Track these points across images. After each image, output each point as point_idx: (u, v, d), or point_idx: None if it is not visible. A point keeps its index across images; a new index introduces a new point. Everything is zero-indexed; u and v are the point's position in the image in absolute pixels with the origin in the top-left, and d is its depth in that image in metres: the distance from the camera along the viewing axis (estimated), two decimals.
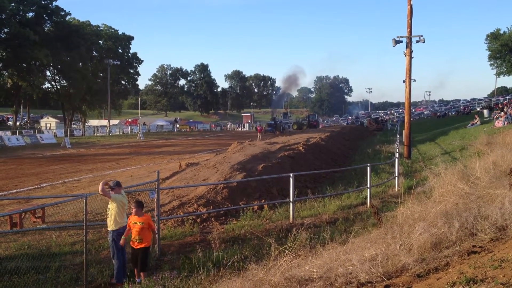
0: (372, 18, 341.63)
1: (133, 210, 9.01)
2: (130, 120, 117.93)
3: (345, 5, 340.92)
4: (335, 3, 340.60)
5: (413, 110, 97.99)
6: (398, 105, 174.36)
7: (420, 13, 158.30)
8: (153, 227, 9.39)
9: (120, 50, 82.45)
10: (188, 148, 43.94)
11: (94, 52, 79.02)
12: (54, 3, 68.73)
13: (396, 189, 17.44)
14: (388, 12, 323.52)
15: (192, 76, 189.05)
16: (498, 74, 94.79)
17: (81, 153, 38.52)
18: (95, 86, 75.70)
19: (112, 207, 9.08)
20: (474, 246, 6.86)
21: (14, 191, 19.21)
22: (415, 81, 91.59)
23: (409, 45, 27.92)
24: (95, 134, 69.31)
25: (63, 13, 70.43)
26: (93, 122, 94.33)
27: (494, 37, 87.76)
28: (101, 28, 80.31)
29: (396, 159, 19.34)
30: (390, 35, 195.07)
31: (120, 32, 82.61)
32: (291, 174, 13.74)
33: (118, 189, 9.19)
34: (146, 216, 9.20)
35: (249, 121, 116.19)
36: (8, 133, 54.16)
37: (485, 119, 47.58)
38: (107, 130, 72.46)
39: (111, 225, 9.08)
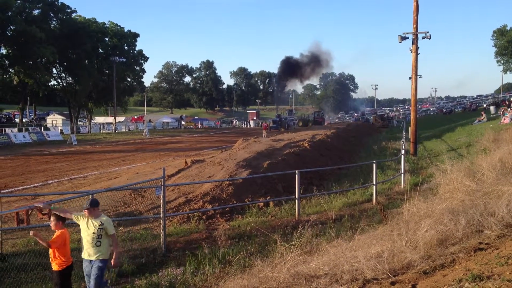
0: (378, 14, 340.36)
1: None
2: (136, 117, 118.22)
3: (351, 1, 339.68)
4: None
5: (419, 106, 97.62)
6: (404, 101, 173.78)
7: (427, 9, 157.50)
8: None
9: (125, 47, 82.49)
10: (193, 145, 43.99)
11: (100, 50, 79.14)
12: (60, 0, 68.97)
13: (402, 186, 17.40)
14: (395, 8, 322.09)
15: (197, 73, 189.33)
16: (504, 71, 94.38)
17: (87, 150, 38.64)
18: (101, 83, 75.92)
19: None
20: (480, 243, 6.84)
21: (21, 188, 19.31)
22: (421, 77, 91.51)
23: (415, 41, 27.81)
24: (101, 131, 69.51)
25: (69, 10, 70.70)
26: (99, 119, 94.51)
27: (500, 33, 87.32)
28: (107, 26, 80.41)
29: (402, 156, 19.27)
30: (396, 31, 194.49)
31: (125, 30, 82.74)
32: (296, 171, 13.71)
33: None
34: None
35: (255, 118, 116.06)
36: (15, 130, 54.45)
37: (491, 115, 47.32)
38: (113, 127, 72.68)
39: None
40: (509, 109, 41.77)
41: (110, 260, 7.29)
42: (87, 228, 7.15)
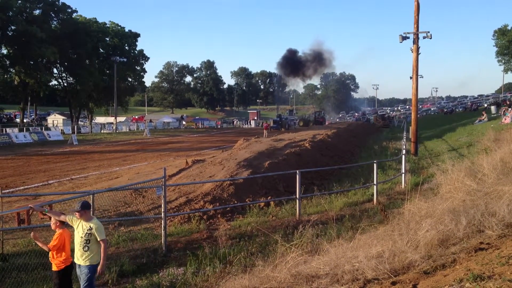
0: (379, 14, 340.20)
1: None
2: (136, 117, 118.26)
3: (351, 1, 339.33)
4: None
5: (420, 106, 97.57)
6: (405, 101, 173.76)
7: (428, 9, 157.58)
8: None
9: (126, 47, 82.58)
10: (194, 145, 44.00)
11: (101, 49, 79.30)
12: (61, 0, 69.02)
13: (403, 186, 17.39)
14: (395, 8, 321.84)
15: (198, 73, 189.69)
16: (505, 71, 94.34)
17: (88, 150, 38.67)
18: (101, 83, 75.95)
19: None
20: (481, 243, 6.84)
21: (22, 188, 19.33)
22: (422, 77, 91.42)
23: (416, 41, 27.81)
24: (101, 131, 69.54)
25: (69, 10, 70.74)
26: (100, 119, 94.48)
27: (501, 33, 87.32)
28: (108, 25, 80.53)
29: (403, 156, 19.27)
30: (397, 31, 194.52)
31: (126, 29, 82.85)
32: (297, 171, 13.71)
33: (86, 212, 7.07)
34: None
35: (255, 118, 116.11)
36: (16, 130, 54.44)
37: (492, 115, 47.30)
38: (114, 127, 72.67)
39: None
40: (510, 109, 41.73)
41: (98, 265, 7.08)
42: (77, 231, 6.96)
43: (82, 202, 7.03)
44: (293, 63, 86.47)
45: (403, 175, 18.16)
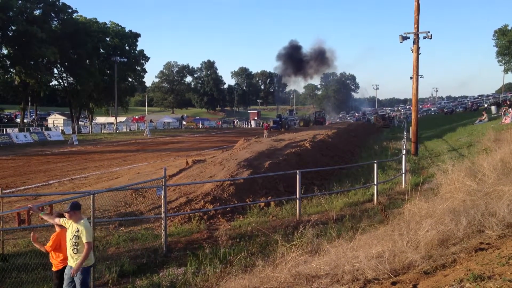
0: (379, 14, 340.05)
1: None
2: (137, 117, 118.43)
3: (352, 1, 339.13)
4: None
5: (420, 106, 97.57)
6: (405, 101, 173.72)
7: (428, 9, 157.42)
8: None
9: (127, 47, 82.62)
10: (194, 145, 43.99)
11: (101, 50, 79.30)
12: (61, 0, 69.05)
13: (403, 186, 17.38)
14: (396, 8, 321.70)
15: (198, 73, 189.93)
16: (506, 71, 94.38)
17: (88, 150, 38.66)
18: (102, 83, 75.97)
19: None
20: (481, 243, 6.85)
21: (22, 188, 19.32)
22: (422, 77, 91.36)
23: (416, 41, 27.80)
24: (102, 131, 69.59)
25: (70, 10, 70.74)
26: (100, 119, 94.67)
27: (501, 33, 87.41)
28: (108, 26, 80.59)
29: (403, 156, 19.25)
30: (398, 31, 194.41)
31: (126, 30, 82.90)
32: (297, 171, 13.71)
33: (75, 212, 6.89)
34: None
35: (256, 118, 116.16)
36: (16, 130, 54.47)
37: (492, 115, 47.27)
38: (114, 127, 72.69)
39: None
40: (510, 109, 41.69)
41: (92, 267, 7.10)
42: (68, 233, 6.82)
43: (71, 203, 6.90)
44: (295, 60, 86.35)
45: (403, 175, 18.15)
